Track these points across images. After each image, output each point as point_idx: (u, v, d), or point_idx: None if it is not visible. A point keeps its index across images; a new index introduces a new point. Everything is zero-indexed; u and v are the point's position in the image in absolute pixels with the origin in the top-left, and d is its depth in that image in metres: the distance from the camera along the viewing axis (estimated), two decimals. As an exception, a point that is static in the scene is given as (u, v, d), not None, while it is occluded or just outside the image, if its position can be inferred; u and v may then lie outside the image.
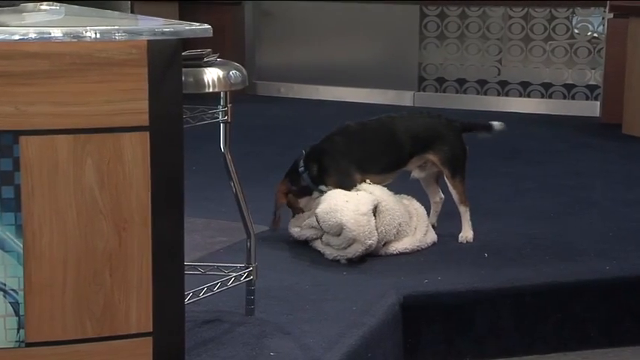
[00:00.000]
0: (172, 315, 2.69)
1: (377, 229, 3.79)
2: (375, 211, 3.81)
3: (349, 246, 3.78)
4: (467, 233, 4.10)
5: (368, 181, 3.97)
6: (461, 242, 4.08)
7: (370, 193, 3.87)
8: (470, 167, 4.17)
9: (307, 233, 3.99)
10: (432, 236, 4.05)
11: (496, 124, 4.24)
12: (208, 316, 3.25)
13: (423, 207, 4.09)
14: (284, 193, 4.08)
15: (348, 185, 3.95)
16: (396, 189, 4.05)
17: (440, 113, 4.22)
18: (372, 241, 3.76)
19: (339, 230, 3.77)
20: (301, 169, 4.06)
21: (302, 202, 4.09)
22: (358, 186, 3.94)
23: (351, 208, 3.75)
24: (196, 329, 3.14)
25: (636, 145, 6.12)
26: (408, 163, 4.08)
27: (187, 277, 2.81)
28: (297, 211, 4.10)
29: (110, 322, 2.61)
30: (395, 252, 3.91)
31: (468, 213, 4.10)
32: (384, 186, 4.00)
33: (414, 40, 7.68)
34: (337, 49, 7.89)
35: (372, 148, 4.06)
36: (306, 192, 4.08)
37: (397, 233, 3.91)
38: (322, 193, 3.99)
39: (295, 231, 4.04)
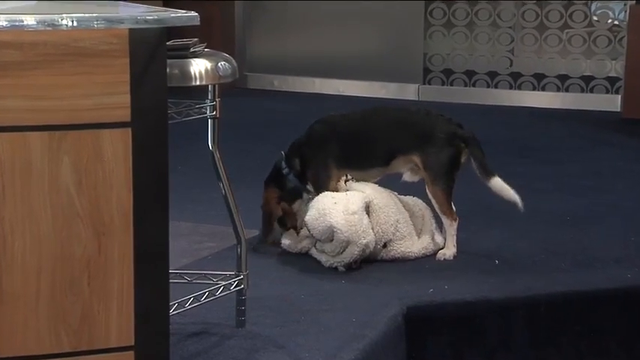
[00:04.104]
0: (156, 327, 2.70)
1: (373, 230, 3.79)
2: (367, 210, 3.81)
3: (344, 250, 3.78)
4: (447, 250, 3.96)
5: (349, 175, 3.96)
6: (438, 259, 3.94)
7: (361, 191, 3.86)
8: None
9: (303, 244, 3.97)
10: (438, 241, 4.04)
11: (496, 186, 4.01)
12: (195, 329, 3.25)
13: (429, 209, 4.06)
14: (276, 202, 4.03)
15: (324, 179, 3.93)
16: (400, 190, 4.05)
17: (442, 113, 4.08)
18: (366, 240, 3.75)
19: (330, 234, 3.77)
20: (285, 170, 4.04)
21: (294, 207, 4.06)
22: (347, 185, 3.93)
23: (340, 209, 3.75)
24: (182, 343, 3.14)
25: (660, 142, 6.15)
26: (391, 162, 3.99)
27: (172, 286, 2.81)
28: (292, 221, 4.04)
29: (88, 335, 2.62)
30: (397, 255, 3.91)
31: (452, 227, 3.95)
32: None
33: (419, 29, 7.69)
34: (335, 39, 7.90)
35: (352, 141, 4.00)
36: (296, 195, 4.06)
37: (396, 231, 3.90)
38: (311, 193, 3.99)
39: (289, 244, 4.01)
